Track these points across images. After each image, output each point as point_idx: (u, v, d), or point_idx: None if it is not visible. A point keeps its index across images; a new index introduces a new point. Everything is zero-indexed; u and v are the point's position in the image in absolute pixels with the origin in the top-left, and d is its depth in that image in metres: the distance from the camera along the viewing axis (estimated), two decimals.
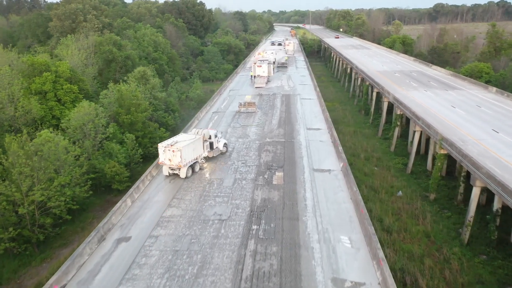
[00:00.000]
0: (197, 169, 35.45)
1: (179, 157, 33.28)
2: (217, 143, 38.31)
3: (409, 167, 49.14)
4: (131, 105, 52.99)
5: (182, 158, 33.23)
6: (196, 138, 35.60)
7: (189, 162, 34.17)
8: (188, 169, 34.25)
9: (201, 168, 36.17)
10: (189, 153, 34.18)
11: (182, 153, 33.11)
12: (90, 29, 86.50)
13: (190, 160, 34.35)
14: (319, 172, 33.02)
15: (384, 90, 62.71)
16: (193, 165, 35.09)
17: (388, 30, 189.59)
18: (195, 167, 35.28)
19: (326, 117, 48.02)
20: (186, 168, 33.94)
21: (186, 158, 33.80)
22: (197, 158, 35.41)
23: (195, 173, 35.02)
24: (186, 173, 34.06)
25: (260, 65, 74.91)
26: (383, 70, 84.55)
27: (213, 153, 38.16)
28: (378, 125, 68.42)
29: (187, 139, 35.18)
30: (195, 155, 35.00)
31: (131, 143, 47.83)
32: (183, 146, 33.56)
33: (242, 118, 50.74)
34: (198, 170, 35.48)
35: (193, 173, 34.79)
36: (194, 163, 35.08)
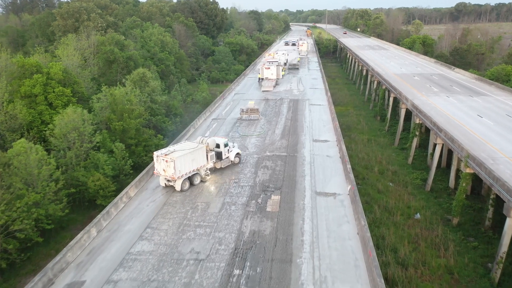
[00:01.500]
0: (196, 181, 31.58)
1: (172, 168, 29.57)
2: (227, 152, 34.38)
3: (429, 183, 43.77)
4: (124, 110, 48.98)
5: (176, 170, 29.52)
6: (197, 147, 31.63)
7: (186, 174, 30.53)
8: (184, 182, 30.57)
9: (203, 181, 32.20)
10: (186, 164, 30.39)
11: (176, 164, 29.41)
12: (93, 28, 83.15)
13: (188, 171, 30.68)
14: (322, 196, 28.17)
15: (402, 96, 57.28)
16: (192, 177, 31.34)
17: (407, 30, 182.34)
18: (194, 179, 31.46)
19: (335, 127, 43.02)
20: (181, 181, 30.24)
21: (182, 170, 30.06)
22: (197, 169, 31.60)
23: (193, 186, 31.25)
24: (182, 186, 30.41)
25: (268, 67, 70.25)
26: (401, 73, 78.82)
27: (222, 164, 34.08)
28: (395, 133, 62.98)
29: (186, 148, 31.36)
30: (194, 166, 31.18)
31: (121, 153, 43.74)
32: (178, 157, 29.77)
33: (243, 126, 46.16)
34: (198, 183, 31.60)
35: (192, 186, 31.15)
36: (193, 175, 31.34)
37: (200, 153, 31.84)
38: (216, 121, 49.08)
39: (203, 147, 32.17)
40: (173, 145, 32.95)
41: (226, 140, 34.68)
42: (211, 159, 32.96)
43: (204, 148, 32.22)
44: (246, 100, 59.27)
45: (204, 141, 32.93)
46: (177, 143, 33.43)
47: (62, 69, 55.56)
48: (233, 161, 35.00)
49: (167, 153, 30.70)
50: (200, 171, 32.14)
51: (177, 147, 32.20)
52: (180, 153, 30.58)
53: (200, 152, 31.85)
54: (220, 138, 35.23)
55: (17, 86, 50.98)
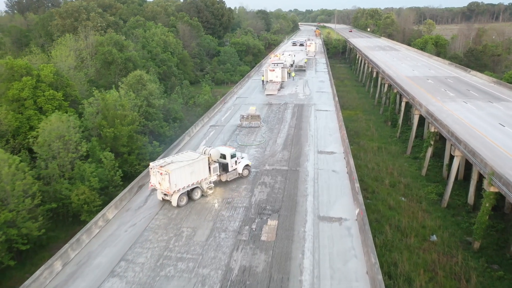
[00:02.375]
0: (196, 196, 28.48)
1: (167, 182, 26.49)
2: (235, 164, 31.05)
3: (445, 199, 39.84)
4: (115, 116, 45.76)
5: (171, 183, 26.45)
6: (197, 158, 28.40)
7: (183, 188, 27.46)
8: (181, 197, 27.55)
9: (205, 195, 29.04)
10: (184, 177, 27.33)
11: (171, 177, 26.36)
12: (92, 28, 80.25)
13: (186, 185, 27.61)
14: (326, 222, 24.51)
15: (415, 101, 53.27)
16: (191, 191, 28.28)
17: (419, 30, 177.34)
18: (193, 194, 28.39)
19: (343, 137, 39.26)
20: (178, 195, 27.21)
21: (178, 184, 26.98)
22: (198, 182, 28.46)
23: (193, 201, 28.19)
24: (178, 201, 27.38)
25: (273, 69, 66.58)
26: (413, 76, 74.68)
27: (228, 176, 30.80)
28: (407, 140, 58.98)
29: (184, 160, 28.17)
30: (193, 179, 28.07)
31: (110, 163, 40.47)
32: (174, 169, 26.67)
33: (242, 134, 42.61)
34: (198, 198, 28.50)
35: (191, 201, 28.15)
36: (193, 189, 28.28)
37: (201, 165, 28.60)
38: (214, 128, 45.60)
39: (205, 158, 28.89)
40: (172, 156, 29.77)
41: (233, 150, 31.28)
42: (214, 172, 29.60)
43: (206, 160, 28.94)
44: (248, 105, 55.68)
45: (206, 152, 29.56)
46: (179, 153, 30.17)
47: (53, 71, 52.57)
48: (241, 174, 31.55)
49: (162, 164, 27.53)
50: (202, 184, 28.91)
51: (176, 157, 29.00)
52: (176, 165, 27.40)
53: (201, 164, 28.61)
54: (227, 148, 31.80)
55: (5, 89, 48.12)
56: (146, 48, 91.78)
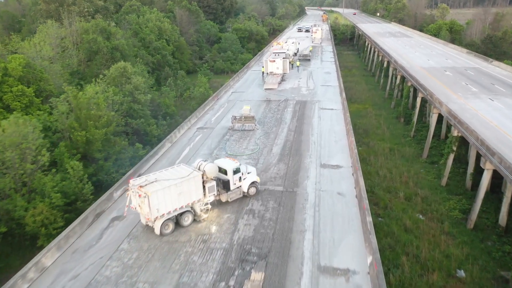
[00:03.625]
0: (186, 222, 23.16)
1: (147, 206, 21.23)
2: (238, 181, 25.39)
3: (472, 219, 33.63)
4: (88, 117, 39.80)
5: (151, 208, 21.24)
6: (187, 176, 22.91)
7: (168, 214, 22.17)
8: (165, 224, 22.26)
9: (198, 220, 23.66)
10: (169, 200, 22.02)
11: (151, 200, 21.14)
12: (78, 13, 73.83)
13: (172, 209, 22.31)
14: (328, 275, 18.50)
15: (433, 98, 46.63)
16: (180, 215, 22.90)
17: (432, 15, 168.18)
18: (182, 219, 23.04)
19: (351, 145, 32.95)
20: (161, 222, 21.97)
21: (161, 208, 21.72)
22: (189, 205, 23.17)
23: (183, 227, 22.90)
24: (162, 229, 22.16)
25: (273, 60, 60.00)
26: (429, 67, 67.67)
27: (229, 196, 25.30)
28: (422, 140, 52.54)
29: (172, 177, 22.63)
30: (183, 202, 22.75)
31: (77, 174, 34.62)
32: (154, 191, 21.35)
33: (233, 140, 36.48)
34: (189, 223, 23.18)
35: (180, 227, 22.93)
36: (182, 214, 22.89)
37: (192, 184, 23.05)
38: (202, 131, 39.47)
39: (198, 175, 23.30)
40: (160, 171, 24.03)
41: (237, 164, 25.48)
42: (211, 192, 24.07)
43: (199, 177, 23.37)
44: (244, 102, 49.47)
45: (201, 167, 23.91)
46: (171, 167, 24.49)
47: (23, 63, 46.63)
48: (246, 193, 25.87)
49: (143, 184, 21.97)
50: (194, 207, 23.47)
51: (162, 174, 23.39)
52: (159, 185, 21.87)
53: (192, 183, 23.04)
54: (229, 161, 25.89)
55: None
56: (139, 35, 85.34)
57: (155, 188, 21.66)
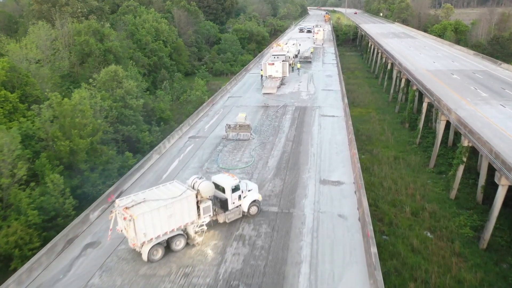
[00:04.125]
0: (178, 246, 20.84)
1: (133, 230, 18.95)
2: (238, 200, 22.94)
3: (485, 238, 30.92)
4: (73, 125, 37.28)
5: (137, 233, 18.95)
6: (179, 196, 20.53)
7: (157, 238, 19.85)
8: (154, 249, 19.94)
9: (191, 244, 21.32)
10: (158, 223, 19.71)
11: (137, 224, 18.87)
12: (71, 14, 71.39)
13: (162, 233, 19.98)
14: None
15: (441, 104, 43.93)
16: (171, 239, 20.54)
17: (436, 15, 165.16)
18: (173, 243, 20.69)
19: (353, 157, 30.30)
20: (149, 248, 19.67)
21: (149, 232, 19.40)
22: (180, 228, 20.83)
23: (174, 252, 20.65)
24: (150, 256, 19.86)
25: (272, 63, 57.38)
26: (435, 69, 64.90)
27: (227, 217, 22.91)
28: (429, 148, 49.87)
29: (163, 197, 20.31)
30: (174, 224, 20.44)
31: (58, 188, 32.10)
32: (141, 214, 19.04)
33: (226, 151, 33.89)
34: (181, 248, 20.87)
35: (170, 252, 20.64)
36: (173, 237, 20.53)
37: (185, 205, 20.69)
38: (194, 140, 36.90)
39: (191, 195, 20.90)
40: (150, 190, 21.68)
41: (236, 181, 22.95)
42: (206, 213, 21.66)
43: (193, 197, 20.96)
44: (240, 108, 46.95)
45: (196, 185, 21.56)
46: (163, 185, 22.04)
47: (7, 67, 44.25)
48: (247, 213, 23.47)
49: (129, 205, 19.61)
50: (188, 229, 21.18)
51: (152, 193, 21.07)
52: (147, 207, 19.54)
53: (185, 203, 20.67)
54: (227, 177, 23.37)
55: None
56: (135, 36, 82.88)
57: (141, 210, 19.29)
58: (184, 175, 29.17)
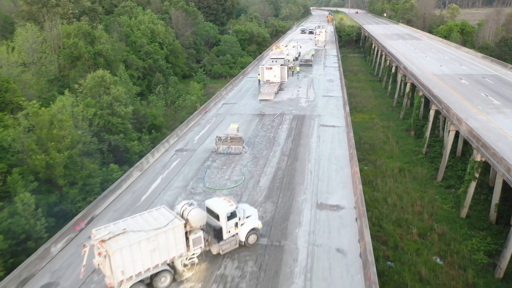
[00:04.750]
0: (163, 283, 17.98)
1: (108, 268, 16.21)
2: (234, 228, 20.09)
3: (502, 267, 27.71)
4: (49, 137, 34.34)
5: (114, 271, 16.19)
6: (164, 227, 17.75)
7: (137, 276, 17.05)
8: None
9: (178, 280, 18.50)
10: (138, 259, 16.92)
11: (113, 261, 16.13)
12: (62, 15, 68.57)
13: (143, 270, 17.18)
14: None
15: (450, 113, 40.71)
16: (155, 276, 17.71)
17: (441, 16, 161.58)
18: (158, 280, 17.85)
19: (355, 176, 27.17)
20: (129, 286, 16.83)
21: (127, 270, 16.62)
22: (166, 263, 18.04)
23: None
24: None
25: (270, 67, 54.27)
26: (442, 74, 61.65)
27: (222, 247, 20.04)
28: (436, 158, 46.72)
29: (146, 228, 17.57)
30: (158, 259, 17.65)
31: (28, 209, 29.15)
32: (117, 249, 16.28)
33: (214, 167, 30.81)
34: (167, 285, 18.03)
35: None
36: (157, 273, 17.72)
37: (171, 237, 17.92)
38: (181, 154, 33.85)
39: (179, 226, 18.06)
40: (133, 217, 18.83)
41: (232, 207, 19.98)
42: (196, 245, 18.95)
43: (180, 228, 18.13)
44: (235, 116, 43.93)
45: (185, 213, 18.82)
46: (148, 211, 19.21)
47: None
48: (245, 242, 20.60)
49: (105, 237, 16.74)
50: (176, 263, 18.43)
51: (136, 221, 18.28)
52: (125, 240, 16.77)
53: (171, 235, 17.91)
54: (222, 202, 20.38)
55: None
56: (130, 38, 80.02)
57: (119, 245, 16.50)
58: (165, 197, 26.18)
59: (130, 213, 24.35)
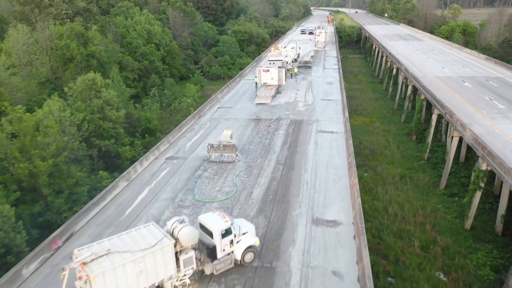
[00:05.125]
0: None
1: None
2: (229, 246, 18.53)
3: (510, 285, 26.05)
4: (33, 144, 32.77)
5: None
6: (151, 248, 16.28)
7: None
8: None
9: None
10: (123, 283, 15.44)
11: (94, 286, 14.70)
12: (55, 16, 67.02)
13: None
14: None
15: (454, 119, 39.07)
16: None
17: (443, 16, 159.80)
18: None
19: (354, 189, 25.52)
20: None
21: None
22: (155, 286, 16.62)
23: None
24: None
25: (267, 69, 52.66)
26: (444, 76, 60.00)
27: (216, 267, 18.48)
28: (439, 164, 45.11)
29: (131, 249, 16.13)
30: (145, 283, 16.17)
31: (8, 221, 27.57)
32: (99, 273, 14.83)
33: (205, 177, 29.20)
34: None
35: None
36: None
37: (160, 258, 16.45)
38: (171, 162, 32.23)
39: (168, 246, 16.60)
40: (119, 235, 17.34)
41: (227, 223, 18.38)
42: (188, 266, 17.39)
43: (169, 248, 16.67)
44: (230, 120, 42.35)
45: (175, 232, 17.26)
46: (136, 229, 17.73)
47: None
48: (241, 261, 19.05)
49: (87, 259, 15.28)
50: (165, 286, 17.02)
51: (122, 240, 16.76)
52: (108, 263, 15.29)
53: (159, 256, 16.43)
54: (216, 218, 18.77)
55: None
56: (126, 39, 78.47)
57: (101, 268, 15.02)
58: (151, 211, 24.58)
59: (114, 228, 22.81)
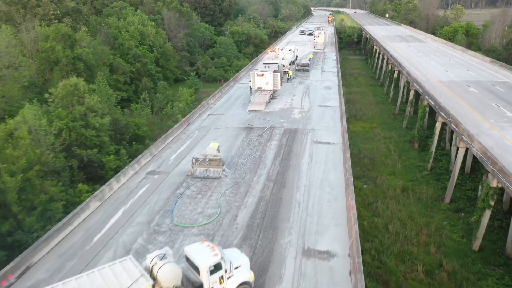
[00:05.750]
0: None
1: None
2: (219, 282, 16.06)
3: None
4: (2, 158, 30.07)
5: None
6: None
7: None
8: None
9: None
10: None
11: None
12: (42, 17, 64.32)
13: None
14: None
15: (460, 128, 36.27)
16: None
17: (445, 17, 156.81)
18: None
19: (351, 213, 22.74)
20: None
21: None
22: None
23: None
24: None
25: (261, 74, 49.94)
26: (448, 80, 57.17)
27: None
28: (443, 175, 42.41)
29: None
30: None
31: None
32: None
33: (187, 196, 26.42)
34: None
35: None
36: None
37: None
38: (152, 178, 29.47)
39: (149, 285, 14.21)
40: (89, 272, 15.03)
41: (216, 257, 15.90)
42: None
43: None
44: (220, 129, 39.58)
45: (155, 270, 14.95)
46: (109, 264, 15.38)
47: None
48: None
49: None
50: None
51: (93, 279, 14.42)
52: None
53: None
54: (205, 248, 16.35)
55: None
56: (118, 40, 75.77)
57: None
58: (122, 238, 21.84)
59: (77, 260, 20.09)
